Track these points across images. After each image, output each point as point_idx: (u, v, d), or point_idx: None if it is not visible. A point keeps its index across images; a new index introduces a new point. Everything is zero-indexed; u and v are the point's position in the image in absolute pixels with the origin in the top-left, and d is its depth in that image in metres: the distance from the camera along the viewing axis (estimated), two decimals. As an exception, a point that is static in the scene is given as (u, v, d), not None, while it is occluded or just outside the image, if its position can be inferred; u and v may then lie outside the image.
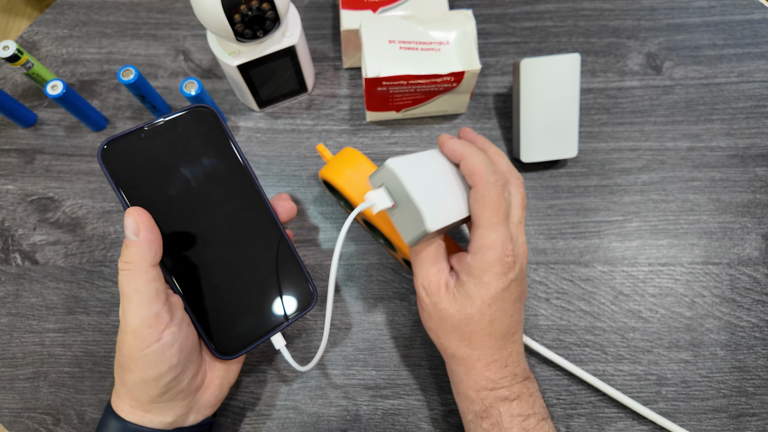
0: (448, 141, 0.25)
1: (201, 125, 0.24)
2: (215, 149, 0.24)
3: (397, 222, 0.24)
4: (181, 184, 0.24)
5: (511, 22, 0.41)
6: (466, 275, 0.23)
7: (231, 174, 0.25)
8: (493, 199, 0.23)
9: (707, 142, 0.37)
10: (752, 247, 0.34)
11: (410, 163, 0.23)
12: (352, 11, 0.36)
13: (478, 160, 0.23)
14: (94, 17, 0.42)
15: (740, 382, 0.31)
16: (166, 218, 0.23)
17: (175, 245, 0.24)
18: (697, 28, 0.41)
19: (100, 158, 0.23)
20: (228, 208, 0.25)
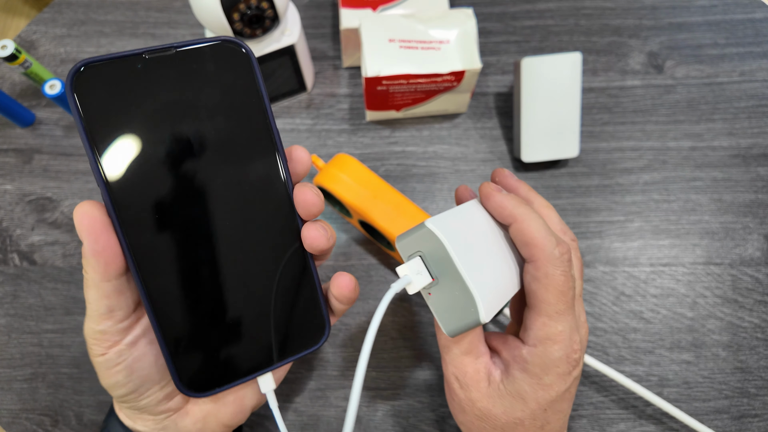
0: (494, 195, 0.20)
1: (224, 68, 0.16)
2: (236, 108, 0.17)
3: (434, 303, 0.18)
4: (177, 148, 0.16)
5: (511, 20, 0.41)
6: (520, 371, 0.19)
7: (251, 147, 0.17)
8: (560, 280, 0.18)
9: (709, 142, 0.37)
10: (754, 247, 0.34)
11: (452, 225, 0.18)
12: (352, 10, 0.35)
13: (535, 227, 0.19)
14: (92, 16, 0.42)
15: (742, 383, 0.31)
16: (148, 194, 0.16)
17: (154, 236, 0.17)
18: (699, 27, 0.40)
19: (71, 85, 0.15)
20: (235, 195, 0.17)
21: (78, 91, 0.15)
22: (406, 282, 0.18)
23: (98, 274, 0.17)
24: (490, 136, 0.37)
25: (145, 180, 0.16)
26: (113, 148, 0.16)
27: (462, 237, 0.18)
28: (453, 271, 0.17)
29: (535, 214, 0.19)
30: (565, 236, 0.22)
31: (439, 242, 0.17)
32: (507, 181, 0.23)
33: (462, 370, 0.20)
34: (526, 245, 0.19)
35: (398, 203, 0.30)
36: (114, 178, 0.16)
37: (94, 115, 0.15)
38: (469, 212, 0.20)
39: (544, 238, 0.18)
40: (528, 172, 0.36)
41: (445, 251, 0.17)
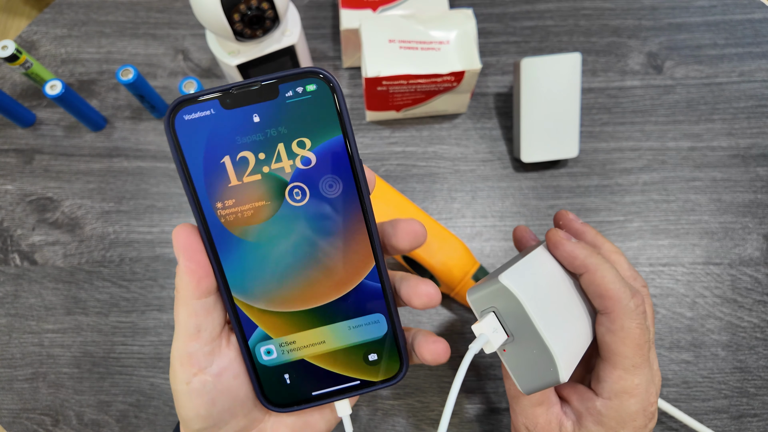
0: (564, 244, 0.19)
1: (307, 101, 0.17)
2: (320, 141, 0.17)
3: (510, 360, 0.18)
4: (264, 179, 0.17)
5: (511, 21, 0.41)
6: (594, 424, 0.19)
7: (334, 183, 0.18)
8: (636, 333, 0.18)
9: (708, 142, 0.37)
10: (753, 247, 0.34)
11: (525, 279, 0.18)
12: (352, 10, 0.35)
13: (609, 278, 0.18)
14: (93, 17, 0.42)
15: (741, 382, 0.31)
16: (239, 221, 0.18)
17: (245, 265, 0.18)
18: (698, 27, 0.41)
19: (168, 121, 0.16)
20: (320, 225, 0.18)
21: (174, 126, 0.17)
22: (484, 341, 0.17)
23: (189, 291, 0.17)
24: (490, 137, 0.37)
25: (235, 210, 0.18)
26: (207, 180, 0.17)
27: (537, 292, 0.18)
28: (531, 329, 0.17)
29: (607, 264, 0.19)
30: (636, 282, 0.21)
31: (515, 300, 0.17)
32: (572, 225, 0.23)
33: (533, 421, 0.19)
34: (600, 297, 0.18)
35: (398, 204, 0.30)
36: (208, 207, 0.17)
37: (189, 149, 0.17)
38: (538, 262, 0.19)
39: (618, 290, 0.18)
40: (527, 172, 0.36)
41: (522, 309, 0.17)
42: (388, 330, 0.19)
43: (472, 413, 0.30)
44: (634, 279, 0.21)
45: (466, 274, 0.29)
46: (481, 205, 0.35)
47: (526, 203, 0.35)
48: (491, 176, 0.36)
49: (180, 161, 0.17)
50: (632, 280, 0.21)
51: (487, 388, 0.31)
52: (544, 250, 0.21)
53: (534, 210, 0.35)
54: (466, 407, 0.30)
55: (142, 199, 0.36)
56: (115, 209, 0.36)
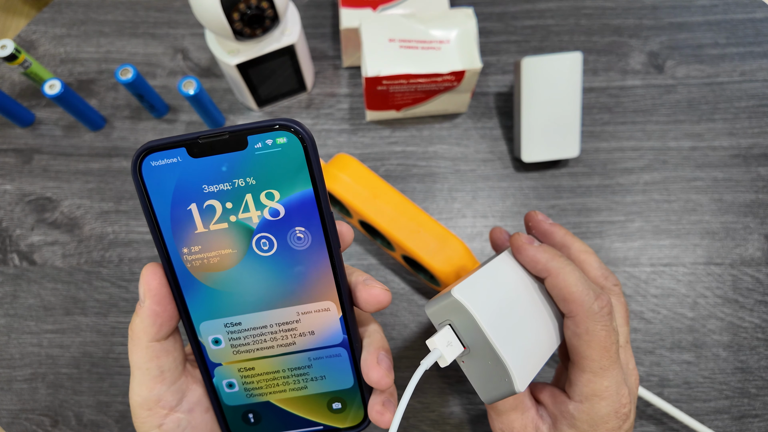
0: (525, 248, 0.19)
1: (276, 154, 0.16)
2: (288, 194, 0.17)
3: (469, 371, 0.18)
4: (230, 228, 0.17)
5: (512, 20, 0.41)
6: (569, 427, 0.19)
7: (300, 235, 0.17)
8: (602, 336, 0.18)
9: (709, 142, 0.37)
10: (755, 247, 0.34)
11: (481, 290, 0.18)
12: (352, 9, 0.35)
13: (572, 280, 0.18)
14: (92, 16, 0.42)
15: (743, 383, 0.31)
16: (205, 267, 0.18)
17: (211, 310, 0.18)
18: (700, 26, 0.40)
19: (135, 167, 0.16)
20: (290, 282, 0.18)
21: (141, 171, 0.17)
22: (437, 356, 0.18)
23: (150, 335, 0.17)
24: (491, 136, 0.37)
25: (201, 256, 0.18)
26: (174, 226, 0.17)
27: (493, 303, 0.18)
28: (484, 342, 0.17)
29: (570, 267, 0.19)
30: (607, 282, 0.21)
31: (468, 313, 0.17)
32: (541, 226, 0.22)
33: (509, 426, 0.19)
34: (563, 300, 0.18)
35: (398, 203, 0.30)
36: (174, 252, 0.17)
37: (156, 195, 0.17)
38: (500, 268, 0.19)
39: (581, 293, 0.18)
40: (528, 172, 0.36)
41: (475, 323, 0.17)
42: (354, 382, 0.19)
43: (469, 415, 0.30)
44: (605, 278, 0.21)
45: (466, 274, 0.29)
46: (482, 205, 0.35)
47: (527, 203, 0.35)
48: (492, 176, 0.36)
49: (147, 206, 0.17)
50: (603, 280, 0.21)
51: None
52: (508, 255, 0.21)
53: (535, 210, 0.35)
54: (467, 408, 0.30)
55: (141, 199, 0.36)
56: (114, 209, 0.35)
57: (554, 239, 0.22)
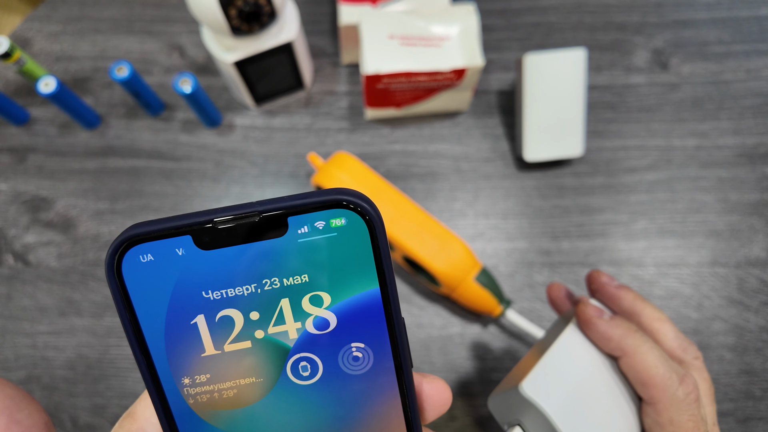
0: (596, 323, 0.17)
1: (332, 245, 0.11)
2: (343, 300, 0.12)
3: None
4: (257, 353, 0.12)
5: (514, 17, 0.40)
6: None
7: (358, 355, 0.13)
8: (689, 426, 0.16)
9: (714, 141, 0.36)
10: (760, 247, 0.33)
11: (550, 382, 0.16)
12: (351, 5, 0.35)
13: (651, 362, 0.16)
14: (87, 13, 0.41)
15: (748, 385, 0.30)
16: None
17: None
18: (704, 24, 0.40)
19: (113, 269, 0.11)
20: (340, 420, 0.13)
21: (121, 271, 0.11)
22: None
23: None
24: (492, 135, 0.37)
25: (211, 389, 0.12)
26: (171, 347, 0.12)
27: (564, 394, 0.16)
28: None
29: (648, 344, 0.16)
30: (686, 354, 0.18)
31: (540, 413, 0.15)
32: (606, 290, 0.20)
33: None
34: (642, 385, 0.16)
35: (399, 203, 0.29)
36: (170, 383, 0.12)
37: (143, 304, 0.11)
38: (568, 349, 0.17)
39: (662, 376, 0.16)
40: (531, 171, 0.36)
41: (548, 422, 0.15)
42: None
43: (471, 417, 0.30)
44: (684, 350, 0.18)
45: (467, 275, 0.29)
46: (484, 205, 0.35)
47: (530, 203, 0.35)
48: (494, 175, 0.35)
49: (128, 319, 0.11)
50: (681, 353, 0.18)
51: (491, 391, 0.30)
52: (574, 329, 0.18)
53: (537, 210, 0.35)
54: (469, 410, 0.30)
55: (136, 198, 0.35)
56: (109, 209, 0.35)
57: (622, 305, 0.19)
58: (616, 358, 0.17)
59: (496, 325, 0.32)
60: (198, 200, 0.35)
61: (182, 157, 0.36)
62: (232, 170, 0.36)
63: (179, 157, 0.36)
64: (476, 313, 0.32)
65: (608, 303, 0.20)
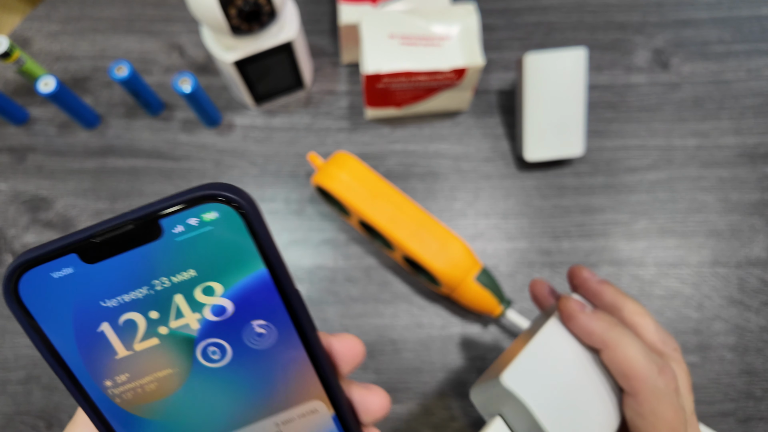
0: (578, 317, 0.17)
1: (209, 237, 0.12)
2: (234, 285, 0.13)
3: None
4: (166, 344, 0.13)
5: (514, 16, 0.40)
6: None
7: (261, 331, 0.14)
8: (669, 416, 0.16)
9: (715, 140, 0.36)
10: (761, 247, 0.33)
11: (531, 373, 0.16)
12: (351, 5, 0.35)
13: (632, 354, 0.16)
14: (87, 12, 0.41)
15: (748, 385, 0.30)
16: None
17: None
18: (705, 23, 0.40)
19: (11, 296, 0.12)
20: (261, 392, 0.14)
21: (19, 297, 0.12)
22: None
23: None
24: (493, 135, 0.37)
25: (132, 386, 0.13)
26: (86, 356, 0.13)
27: (546, 386, 0.16)
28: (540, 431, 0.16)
29: (629, 337, 0.17)
30: (666, 347, 0.19)
31: (521, 404, 0.15)
32: (588, 285, 0.20)
33: None
34: (623, 376, 0.17)
35: (399, 203, 0.29)
36: (94, 389, 0.13)
37: (49, 322, 0.12)
38: (550, 342, 0.17)
39: (643, 367, 0.16)
40: (531, 171, 0.35)
41: (529, 413, 0.15)
42: None
43: (470, 418, 0.30)
44: (664, 343, 0.19)
45: (467, 274, 0.29)
46: (484, 205, 0.35)
47: (530, 203, 0.35)
48: (494, 175, 0.35)
49: (40, 339, 0.12)
50: (661, 345, 0.19)
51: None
52: (557, 322, 0.18)
53: (537, 210, 0.34)
54: (468, 411, 0.30)
55: (136, 198, 0.35)
56: (109, 209, 0.35)
57: (603, 299, 0.20)
58: (598, 351, 0.17)
59: (497, 325, 0.32)
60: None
61: (182, 156, 0.36)
62: (232, 170, 0.36)
63: (179, 157, 0.36)
64: (476, 313, 0.32)
65: (590, 298, 0.20)
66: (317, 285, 0.33)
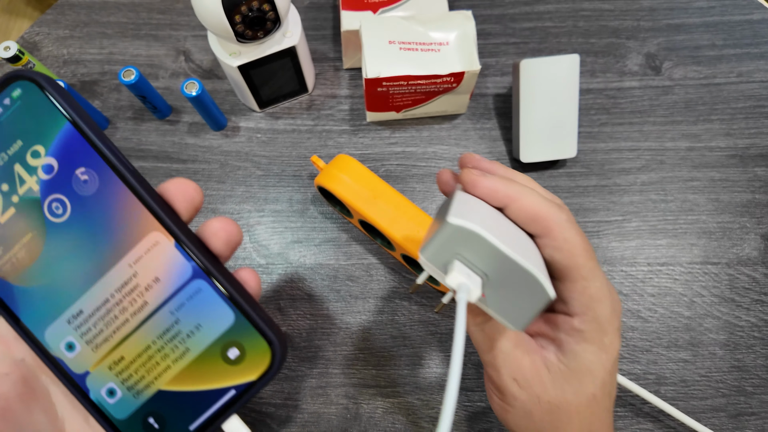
0: (481, 180, 0.18)
1: (22, 110, 0.15)
2: (51, 144, 0.15)
3: (492, 302, 0.16)
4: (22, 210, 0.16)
5: (510, 22, 0.41)
6: (578, 343, 0.18)
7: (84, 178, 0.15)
8: (579, 240, 0.18)
9: (707, 142, 0.37)
10: (751, 247, 0.34)
11: (470, 212, 0.17)
12: (353, 12, 0.36)
13: (536, 199, 0.18)
14: (95, 18, 0.42)
15: (739, 381, 0.31)
16: None
17: (47, 313, 0.16)
18: (697, 28, 0.41)
19: None
20: (106, 234, 0.16)
21: None
22: (464, 294, 0.15)
23: None
24: (489, 137, 0.38)
25: (8, 258, 0.16)
26: None
27: (486, 223, 0.16)
28: (503, 259, 0.15)
29: (528, 188, 0.18)
30: (555, 200, 0.21)
31: (476, 235, 0.15)
32: (481, 164, 0.21)
33: (517, 365, 0.18)
34: (533, 221, 0.18)
35: (398, 203, 0.30)
36: None
37: None
38: (469, 199, 0.18)
39: (548, 207, 0.18)
40: (527, 172, 0.36)
41: (487, 242, 0.15)
42: (235, 313, 0.16)
43: (468, 412, 0.30)
44: (552, 198, 0.20)
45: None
46: (481, 205, 0.35)
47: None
48: (490, 176, 0.36)
49: None
50: (550, 197, 0.20)
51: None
52: (462, 192, 0.19)
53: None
54: (466, 405, 0.31)
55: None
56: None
57: (497, 174, 0.21)
58: (505, 208, 0.18)
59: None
60: (204, 201, 0.36)
61: (188, 158, 0.37)
62: (237, 171, 0.37)
63: (186, 159, 0.37)
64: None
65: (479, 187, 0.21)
66: (319, 283, 0.33)
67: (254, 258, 0.34)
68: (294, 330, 0.32)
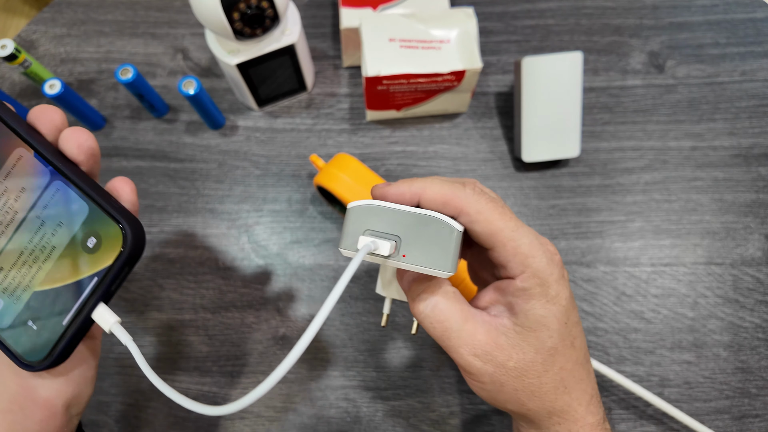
0: (387, 189, 0.20)
1: None
2: None
3: (415, 257, 0.18)
4: None
5: (512, 20, 0.41)
6: (525, 301, 0.18)
7: None
8: (491, 206, 0.18)
9: (710, 142, 0.37)
10: (755, 247, 0.34)
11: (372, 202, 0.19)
12: (352, 9, 0.35)
13: (440, 185, 0.19)
14: (92, 16, 0.42)
15: (743, 383, 0.31)
16: None
17: None
18: (700, 26, 0.40)
19: None
20: None
21: None
22: (372, 247, 0.17)
23: None
24: (491, 136, 0.37)
25: None
26: None
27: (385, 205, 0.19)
28: (401, 216, 0.18)
29: (429, 179, 0.19)
30: (459, 182, 0.22)
31: (369, 207, 0.18)
32: (384, 189, 0.22)
33: (472, 340, 0.18)
34: (445, 205, 0.19)
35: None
36: None
37: None
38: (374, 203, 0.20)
39: (453, 189, 0.19)
40: (528, 171, 0.36)
41: (379, 208, 0.18)
42: (89, 205, 0.18)
43: (469, 415, 0.30)
44: (456, 180, 0.21)
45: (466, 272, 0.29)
46: (482, 205, 0.35)
47: (527, 203, 0.35)
48: (492, 176, 0.36)
49: None
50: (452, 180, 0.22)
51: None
52: None
53: (535, 210, 0.35)
54: (468, 408, 0.30)
55: (141, 198, 0.36)
56: (114, 209, 0.35)
57: (401, 186, 0.22)
58: (417, 205, 0.19)
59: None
60: (202, 200, 0.35)
61: (186, 158, 0.37)
62: (235, 171, 0.36)
63: (183, 158, 0.37)
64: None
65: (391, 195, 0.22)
66: (318, 283, 0.33)
67: (253, 259, 0.34)
68: (293, 331, 0.32)
